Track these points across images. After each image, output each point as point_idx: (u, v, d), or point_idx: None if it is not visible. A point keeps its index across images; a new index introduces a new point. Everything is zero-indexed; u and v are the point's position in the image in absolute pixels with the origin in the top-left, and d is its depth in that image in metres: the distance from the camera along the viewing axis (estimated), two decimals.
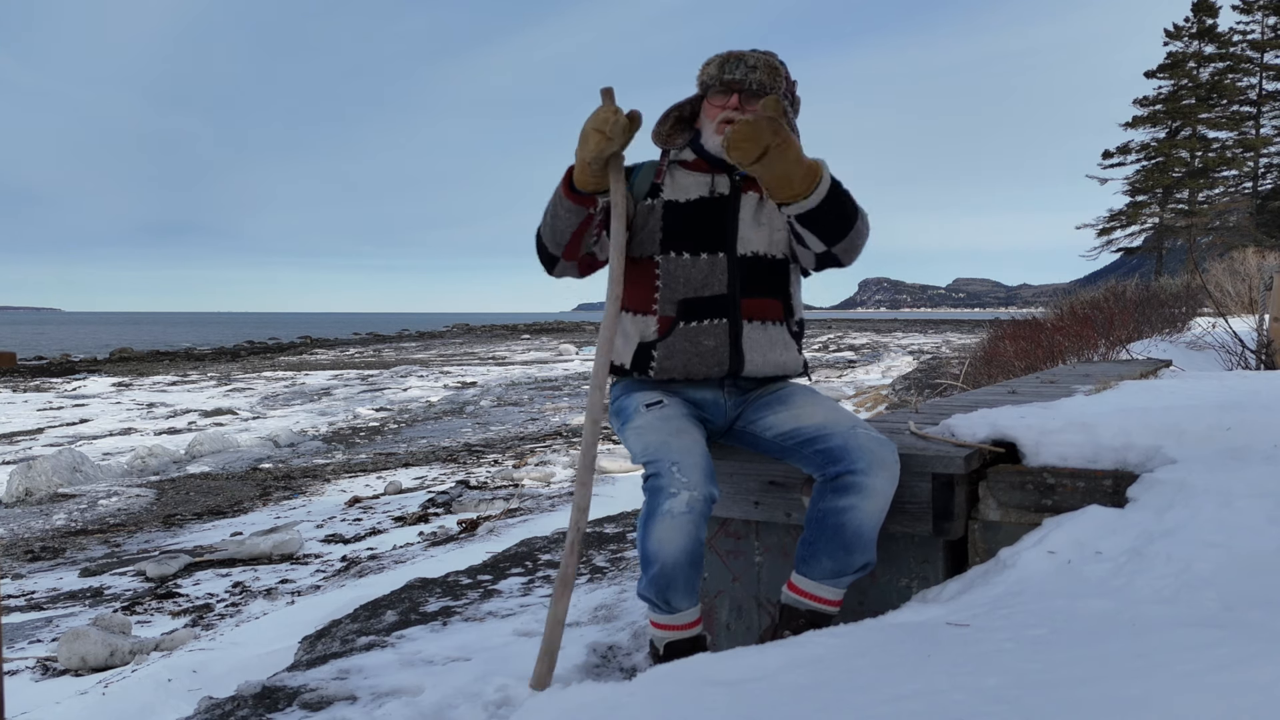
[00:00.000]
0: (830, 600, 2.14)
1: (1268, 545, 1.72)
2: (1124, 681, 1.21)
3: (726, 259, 2.31)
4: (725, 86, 2.29)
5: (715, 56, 2.33)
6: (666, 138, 2.41)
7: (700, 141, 2.37)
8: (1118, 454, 2.21)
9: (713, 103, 2.32)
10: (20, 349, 41.37)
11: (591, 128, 2.12)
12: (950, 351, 31.78)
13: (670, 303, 2.32)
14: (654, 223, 2.35)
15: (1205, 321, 11.76)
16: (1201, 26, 43.22)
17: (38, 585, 6.46)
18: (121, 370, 30.52)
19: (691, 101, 2.39)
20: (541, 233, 2.34)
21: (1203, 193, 43.90)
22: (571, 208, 2.24)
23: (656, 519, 2.03)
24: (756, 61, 2.29)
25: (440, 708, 2.49)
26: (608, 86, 2.20)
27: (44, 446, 13.64)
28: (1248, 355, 7.50)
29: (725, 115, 2.28)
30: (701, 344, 2.29)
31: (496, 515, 7.37)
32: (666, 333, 2.31)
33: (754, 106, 2.25)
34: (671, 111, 2.40)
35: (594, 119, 2.13)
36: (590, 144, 2.13)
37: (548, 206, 2.31)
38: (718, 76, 2.30)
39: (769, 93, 2.27)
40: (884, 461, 2.10)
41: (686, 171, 2.38)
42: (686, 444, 2.12)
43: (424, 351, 41.85)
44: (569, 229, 2.27)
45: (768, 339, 2.34)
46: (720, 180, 2.36)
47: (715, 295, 2.31)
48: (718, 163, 2.35)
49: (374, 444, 13.93)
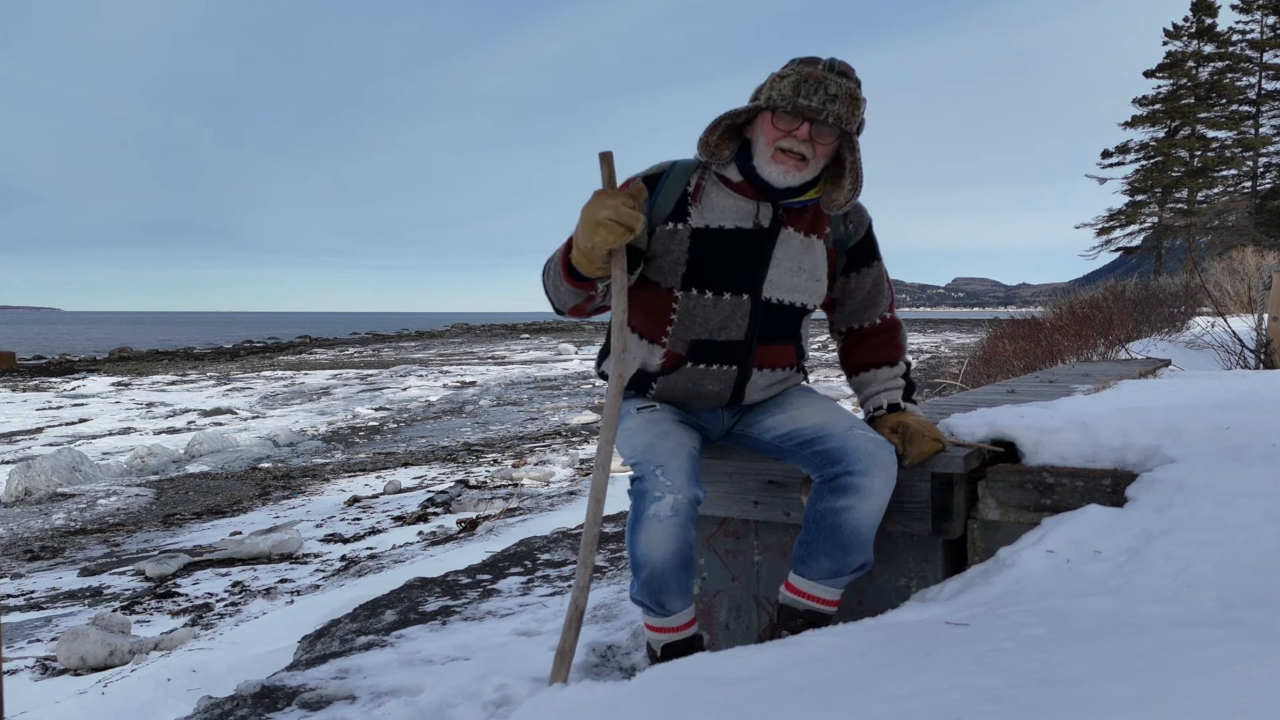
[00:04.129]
0: (828, 600, 2.14)
1: (1266, 544, 1.72)
2: (1123, 681, 1.21)
3: (750, 301, 2.15)
4: (798, 111, 2.00)
5: (790, 71, 2.02)
6: (715, 148, 2.11)
7: (752, 162, 2.10)
8: (1117, 453, 2.21)
9: (777, 124, 2.04)
10: (20, 349, 41.35)
11: (607, 217, 1.91)
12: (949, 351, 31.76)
13: (682, 341, 2.18)
14: (678, 253, 2.13)
15: (1204, 321, 11.76)
16: (1201, 26, 43.22)
17: (37, 585, 6.46)
18: (121, 370, 30.51)
19: (748, 111, 2.09)
20: (546, 288, 2.21)
21: (1202, 192, 43.91)
22: (572, 291, 2.11)
23: (643, 524, 2.02)
24: (838, 90, 1.99)
25: (439, 707, 2.49)
26: (607, 151, 1.99)
27: (43, 446, 13.64)
28: (1246, 354, 7.50)
29: (789, 145, 2.03)
30: (705, 387, 2.22)
31: (496, 515, 7.37)
32: (671, 369, 2.21)
33: (824, 139, 2.04)
34: (724, 119, 2.08)
35: (605, 207, 1.92)
36: (602, 236, 1.93)
37: (549, 272, 2.16)
38: (791, 99, 1.99)
39: (844, 127, 2.02)
40: (882, 462, 2.10)
41: (727, 193, 2.14)
42: (672, 447, 2.11)
43: (423, 351, 41.84)
44: (571, 301, 2.17)
45: (773, 380, 2.28)
46: (765, 211, 2.13)
47: (730, 341, 2.17)
48: (765, 188, 2.11)
49: (373, 443, 13.93)
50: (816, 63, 2.03)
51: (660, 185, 2.17)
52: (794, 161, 2.05)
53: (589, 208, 1.96)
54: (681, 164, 2.19)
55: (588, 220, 1.95)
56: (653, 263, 2.17)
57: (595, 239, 1.95)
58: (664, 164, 2.20)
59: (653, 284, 2.19)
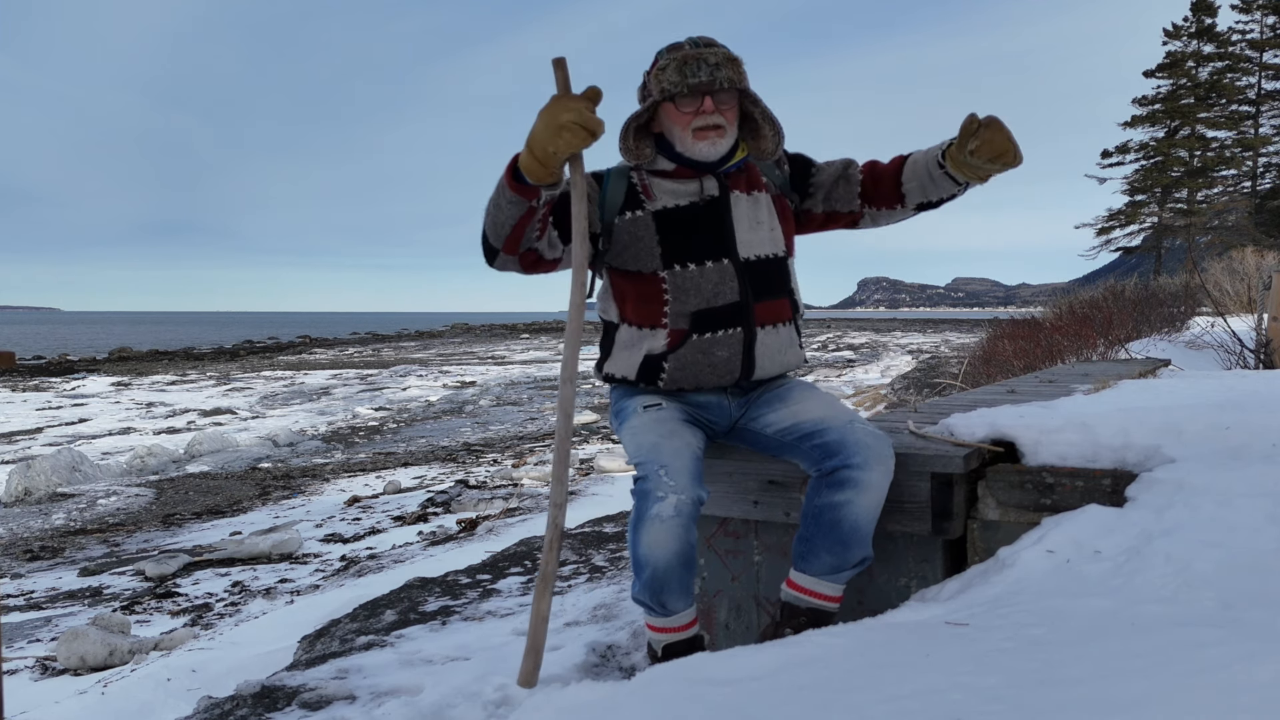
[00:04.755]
0: (830, 596, 2.14)
1: (1267, 544, 1.72)
2: (1123, 681, 1.21)
3: (733, 265, 2.24)
4: (693, 90, 2.14)
5: (668, 61, 2.16)
6: (636, 152, 2.24)
7: (677, 150, 2.23)
8: (1116, 453, 2.21)
9: (682, 109, 2.17)
10: (19, 348, 41.35)
11: (570, 120, 1.91)
12: (949, 351, 31.78)
13: (682, 315, 2.23)
14: (648, 236, 2.24)
15: (1204, 321, 11.76)
16: (1200, 26, 43.22)
17: (37, 585, 6.46)
18: (120, 370, 30.51)
19: (648, 109, 2.21)
20: (484, 225, 2.17)
21: (1201, 192, 43.92)
22: (513, 199, 2.06)
23: (645, 524, 2.03)
24: (718, 58, 2.15)
25: (439, 707, 2.49)
26: (560, 58, 1.97)
27: (43, 446, 13.64)
28: (1246, 354, 7.50)
29: (704, 122, 2.17)
30: (715, 355, 2.24)
31: (495, 515, 7.37)
32: (678, 345, 2.24)
33: (727, 104, 2.19)
34: (630, 123, 2.22)
35: (568, 110, 1.92)
36: (566, 139, 1.93)
37: (492, 197, 2.14)
38: (683, 82, 2.14)
39: (740, 86, 2.18)
40: (880, 456, 2.11)
41: (669, 180, 2.27)
42: (677, 446, 2.11)
43: (423, 351, 41.83)
44: (510, 221, 2.10)
45: (779, 342, 2.31)
46: (709, 183, 2.27)
47: (729, 304, 2.23)
48: (702, 166, 2.25)
49: (373, 443, 13.93)
50: (682, 46, 2.19)
51: (605, 181, 2.28)
52: (714, 134, 2.20)
53: (549, 111, 1.94)
54: (617, 167, 2.31)
55: (549, 123, 1.93)
56: (626, 252, 2.26)
57: (559, 142, 1.93)
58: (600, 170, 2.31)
59: (634, 273, 2.27)
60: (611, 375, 2.36)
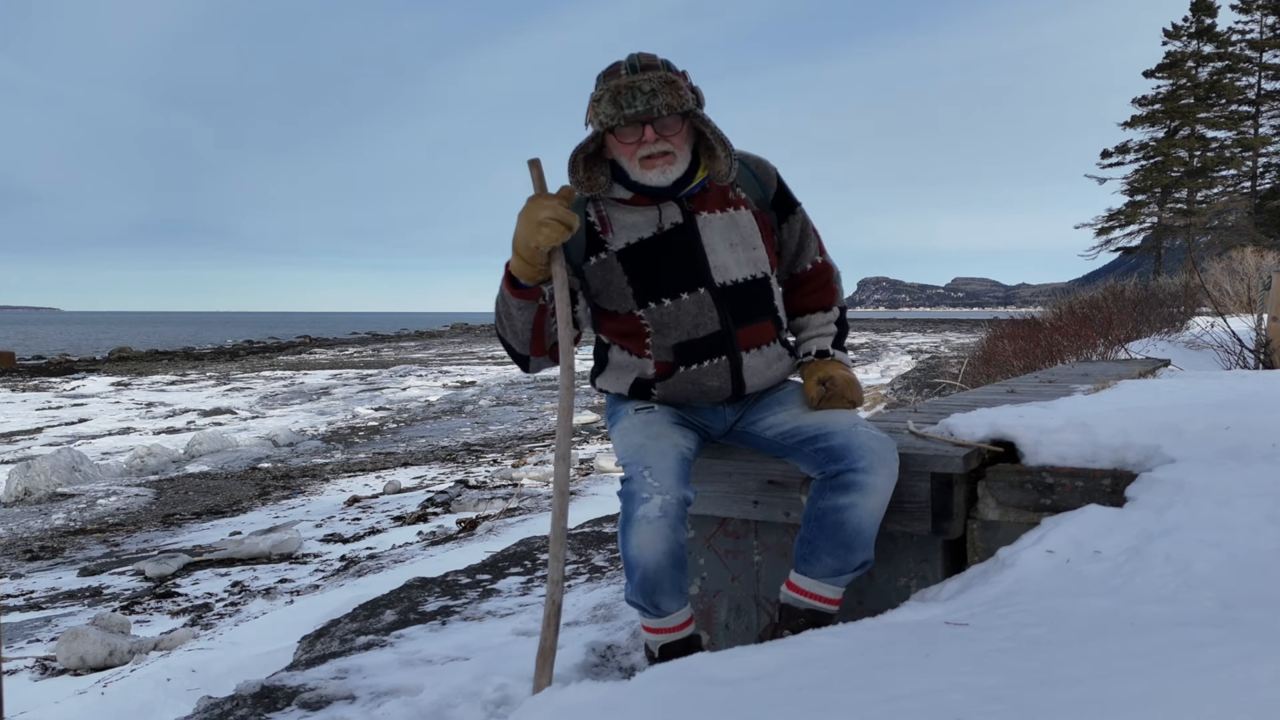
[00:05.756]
0: (830, 599, 2.14)
1: (1266, 544, 1.72)
2: (1123, 681, 1.21)
3: (709, 294, 2.19)
4: (631, 121, 2.07)
5: (602, 92, 2.08)
6: (587, 183, 2.19)
7: (632, 179, 2.17)
8: (1116, 453, 2.21)
9: (624, 140, 2.11)
10: (19, 348, 41.35)
11: (547, 217, 1.99)
12: (949, 351, 31.78)
13: (664, 349, 2.23)
14: (617, 279, 2.20)
15: (1204, 321, 11.76)
16: (1200, 26, 43.23)
17: (36, 585, 6.45)
18: (120, 370, 30.51)
19: (593, 139, 2.15)
20: (504, 336, 2.23)
21: (1201, 192, 43.93)
22: (521, 304, 2.14)
23: (633, 525, 2.03)
24: (653, 83, 2.05)
25: (439, 707, 2.49)
26: (535, 159, 2.07)
27: (43, 446, 13.63)
28: (1246, 354, 7.50)
29: (647, 151, 2.10)
30: (705, 384, 2.24)
31: (495, 515, 7.37)
32: (666, 375, 2.25)
33: (672, 129, 2.10)
34: (578, 155, 2.16)
35: (544, 208, 2.01)
36: (544, 234, 2.00)
37: (498, 309, 2.20)
38: (618, 114, 2.06)
39: (681, 110, 2.08)
40: (884, 459, 2.10)
41: (629, 209, 2.21)
42: (662, 448, 2.12)
43: (423, 351, 41.84)
44: (527, 325, 2.18)
45: (765, 361, 2.30)
46: (668, 210, 2.19)
47: (711, 334, 2.21)
48: (658, 192, 2.17)
49: (373, 443, 13.93)
50: (618, 71, 2.09)
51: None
52: (662, 160, 2.13)
53: (527, 212, 2.04)
54: (574, 202, 2.20)
55: (529, 222, 2.03)
56: (600, 297, 2.25)
57: (539, 237, 2.02)
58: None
59: (612, 312, 2.26)
60: (605, 390, 2.39)
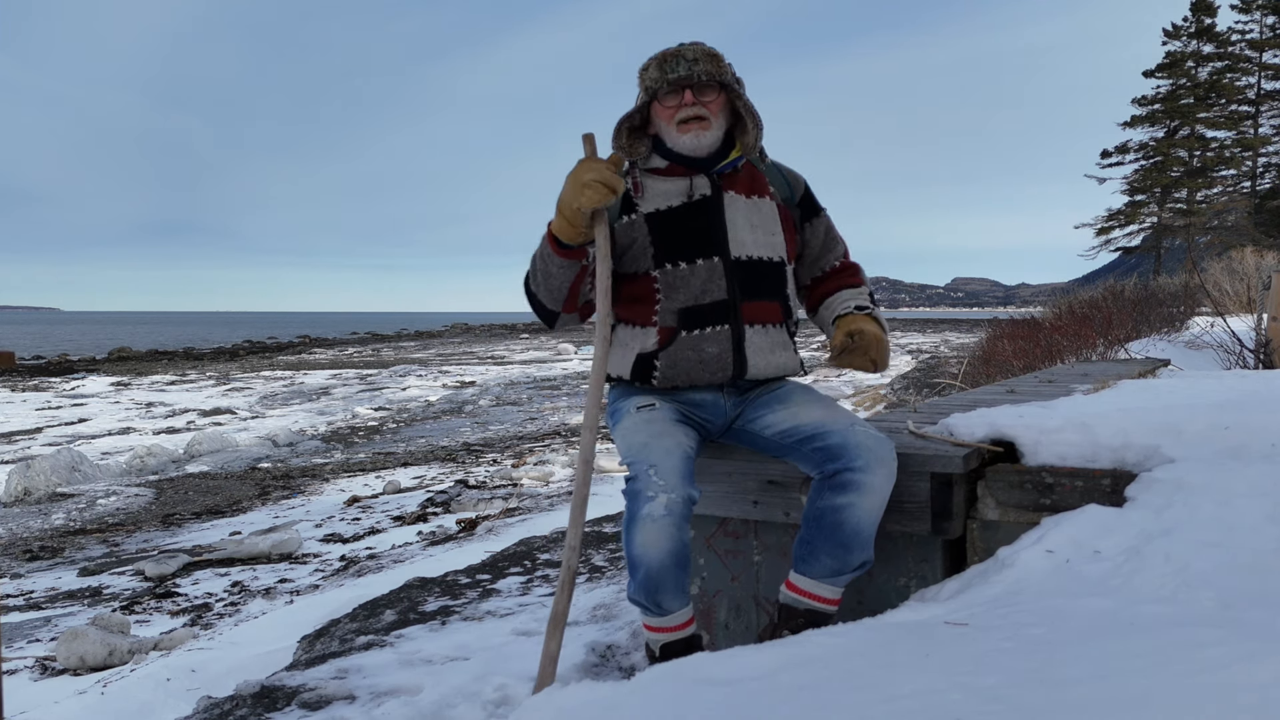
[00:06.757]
0: (829, 599, 2.14)
1: (1266, 544, 1.72)
2: (1122, 681, 1.21)
3: (722, 263, 2.28)
4: (673, 86, 2.25)
5: (651, 60, 2.28)
6: (629, 150, 2.35)
7: (668, 147, 2.32)
8: (1116, 453, 2.21)
9: (665, 105, 2.28)
10: (19, 348, 41.34)
11: (592, 179, 2.10)
12: (949, 351, 31.78)
13: (670, 313, 2.28)
14: (641, 238, 2.30)
15: (1203, 321, 11.76)
16: (1200, 26, 43.23)
17: (36, 585, 6.45)
18: (120, 370, 30.50)
19: (639, 110, 2.33)
20: (535, 292, 2.32)
21: (1201, 192, 43.93)
22: (564, 264, 2.24)
23: (637, 524, 2.04)
24: (695, 54, 2.25)
25: (439, 707, 2.49)
26: (589, 133, 2.19)
27: (42, 446, 13.63)
28: (1246, 354, 7.50)
29: (685, 114, 2.26)
30: (705, 351, 2.27)
31: (495, 515, 7.37)
32: (668, 343, 2.28)
33: (709, 97, 2.26)
34: (623, 123, 2.33)
35: (590, 170, 2.11)
36: (588, 195, 2.11)
37: (535, 266, 2.29)
38: (662, 78, 2.25)
39: (719, 79, 2.26)
40: (882, 459, 2.10)
41: (661, 178, 2.34)
42: (667, 446, 2.12)
43: (423, 351, 41.83)
44: (565, 284, 2.28)
45: (769, 342, 2.32)
46: (699, 182, 2.32)
47: (716, 301, 2.27)
48: (692, 163, 2.32)
49: (373, 443, 13.92)
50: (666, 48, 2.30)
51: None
52: (697, 125, 2.27)
53: (575, 173, 2.15)
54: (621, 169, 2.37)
55: (574, 183, 2.13)
56: (624, 256, 2.33)
57: (582, 199, 2.12)
58: None
59: (629, 274, 2.33)
60: (607, 374, 2.37)
